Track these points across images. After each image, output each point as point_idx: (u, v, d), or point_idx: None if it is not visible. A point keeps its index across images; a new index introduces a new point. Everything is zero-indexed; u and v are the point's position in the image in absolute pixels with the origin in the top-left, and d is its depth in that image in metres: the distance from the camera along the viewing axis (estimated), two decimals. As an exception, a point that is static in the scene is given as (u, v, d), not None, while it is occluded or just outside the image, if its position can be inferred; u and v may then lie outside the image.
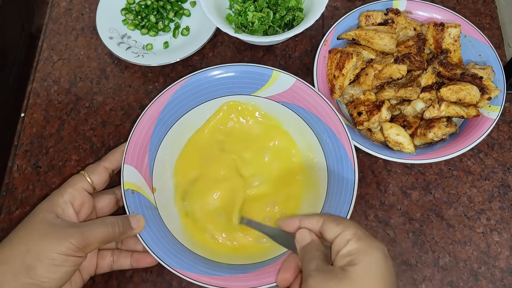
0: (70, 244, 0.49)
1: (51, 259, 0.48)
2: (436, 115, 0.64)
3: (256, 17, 0.73)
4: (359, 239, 0.47)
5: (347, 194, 0.58)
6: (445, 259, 0.63)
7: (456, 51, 0.68)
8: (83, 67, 0.77)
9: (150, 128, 0.63)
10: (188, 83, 0.65)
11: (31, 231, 0.50)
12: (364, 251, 0.45)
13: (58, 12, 0.82)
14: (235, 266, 0.57)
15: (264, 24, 0.73)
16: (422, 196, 0.67)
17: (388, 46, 0.67)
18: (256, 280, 0.54)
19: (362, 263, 0.44)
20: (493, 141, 0.70)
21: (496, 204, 0.66)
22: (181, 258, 0.56)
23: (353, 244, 0.46)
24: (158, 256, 0.55)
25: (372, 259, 0.45)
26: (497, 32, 0.78)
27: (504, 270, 0.62)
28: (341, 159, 0.60)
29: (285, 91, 0.65)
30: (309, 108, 0.63)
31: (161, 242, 0.56)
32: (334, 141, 0.61)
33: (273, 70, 0.65)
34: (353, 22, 0.73)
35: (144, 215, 0.57)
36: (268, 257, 0.58)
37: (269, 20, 0.73)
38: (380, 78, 0.65)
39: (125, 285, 0.62)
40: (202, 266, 0.56)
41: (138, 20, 0.79)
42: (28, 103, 0.74)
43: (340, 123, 0.61)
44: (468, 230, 0.65)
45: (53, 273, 0.48)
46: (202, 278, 0.54)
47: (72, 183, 0.56)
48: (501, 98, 0.65)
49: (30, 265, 0.47)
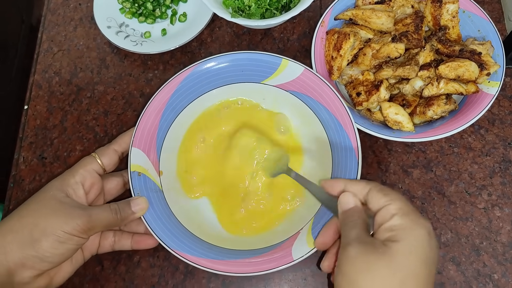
0: (77, 225, 0.51)
1: (57, 236, 0.50)
2: (435, 93, 0.64)
3: (253, 0, 0.72)
4: (404, 214, 0.45)
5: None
6: (447, 235, 0.64)
7: (454, 27, 0.68)
8: (83, 57, 0.78)
9: (158, 113, 0.64)
10: (197, 70, 0.66)
11: (41, 207, 0.52)
12: (410, 228, 0.44)
13: (56, 3, 0.83)
14: (237, 251, 0.58)
15: (261, 7, 0.73)
16: (423, 174, 0.67)
17: (385, 25, 0.67)
18: (255, 266, 0.55)
19: (406, 241, 0.43)
20: (493, 116, 0.70)
21: (498, 179, 0.66)
22: (182, 241, 0.57)
23: (398, 219, 0.45)
24: (160, 237, 0.57)
25: (416, 237, 0.43)
26: (497, 6, 0.77)
27: (506, 244, 0.63)
28: (345, 149, 0.60)
29: (293, 80, 0.65)
30: (316, 98, 0.63)
31: (164, 224, 0.58)
32: (340, 131, 0.61)
33: (282, 58, 0.64)
34: (350, 2, 0.72)
35: (148, 197, 0.59)
36: (271, 243, 0.59)
37: (266, 3, 0.72)
38: (378, 57, 0.65)
39: (133, 270, 0.63)
40: (203, 249, 0.57)
41: (135, 8, 0.79)
42: (31, 95, 0.75)
43: (347, 114, 0.61)
44: (469, 206, 0.65)
45: (56, 249, 0.50)
46: (202, 261, 0.56)
47: (84, 165, 0.58)
48: (500, 73, 0.65)
49: (36, 239, 0.49)
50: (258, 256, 0.56)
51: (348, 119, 0.61)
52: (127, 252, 0.64)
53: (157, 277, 0.63)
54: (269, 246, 0.58)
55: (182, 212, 0.61)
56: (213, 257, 0.56)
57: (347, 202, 0.50)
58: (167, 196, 0.62)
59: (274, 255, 0.56)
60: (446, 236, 0.64)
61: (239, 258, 0.56)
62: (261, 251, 0.57)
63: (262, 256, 0.56)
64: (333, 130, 0.62)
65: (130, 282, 0.63)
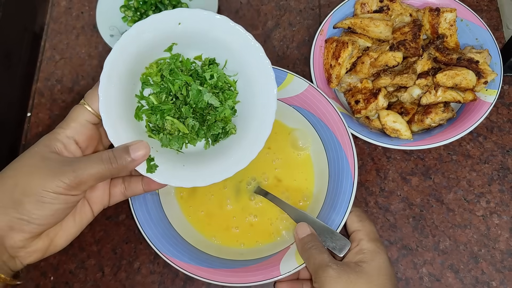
0: (61, 182, 0.45)
1: (39, 196, 0.44)
2: (433, 101, 0.64)
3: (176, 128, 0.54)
4: (371, 239, 0.55)
5: (343, 204, 0.58)
6: (445, 242, 0.64)
7: (452, 35, 0.68)
8: (84, 65, 0.79)
9: None
10: None
11: (22, 165, 0.47)
12: (376, 252, 0.53)
13: (59, 12, 0.84)
14: (224, 260, 0.59)
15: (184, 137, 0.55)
16: (422, 181, 0.68)
17: (383, 33, 0.67)
18: (237, 277, 0.56)
19: (375, 262, 0.52)
20: (492, 124, 0.70)
21: (496, 187, 0.67)
22: (175, 247, 0.58)
23: (365, 244, 0.54)
24: (153, 242, 0.58)
25: (381, 259, 0.53)
26: (495, 14, 0.78)
27: (504, 252, 0.63)
28: (342, 169, 0.60)
29: (297, 95, 0.65)
30: (318, 115, 0.63)
31: (157, 229, 0.59)
32: (338, 150, 0.61)
33: (288, 73, 0.64)
34: (348, 11, 0.73)
35: (144, 200, 0.60)
36: (258, 256, 0.59)
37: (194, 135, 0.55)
38: (376, 66, 0.65)
39: (133, 276, 0.64)
40: (191, 255, 0.58)
41: (137, 16, 0.80)
42: (34, 103, 0.76)
43: (347, 134, 0.61)
44: (468, 214, 0.66)
45: (41, 210, 0.45)
46: (188, 267, 0.56)
47: (75, 117, 0.49)
48: (498, 81, 0.65)
49: (17, 200, 0.45)
50: (244, 268, 0.57)
51: (348, 140, 0.61)
52: (128, 259, 0.65)
53: (157, 283, 0.63)
54: (258, 258, 0.59)
55: (175, 218, 0.62)
56: (201, 264, 0.57)
57: (304, 231, 0.56)
58: (162, 199, 0.62)
59: (261, 268, 0.56)
60: (444, 244, 0.64)
61: (227, 268, 0.57)
62: (250, 262, 0.58)
63: (246, 269, 0.57)
64: (332, 149, 0.62)
65: (130, 289, 0.63)
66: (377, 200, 0.67)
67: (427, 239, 0.64)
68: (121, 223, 0.67)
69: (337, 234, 0.55)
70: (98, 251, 0.66)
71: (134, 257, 0.65)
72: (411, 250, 0.64)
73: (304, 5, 0.81)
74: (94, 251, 0.66)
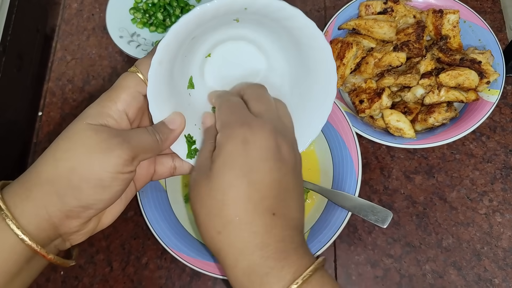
0: (119, 158, 0.41)
1: (99, 180, 0.41)
2: (436, 101, 0.65)
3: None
4: (222, 127, 0.44)
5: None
6: (448, 240, 0.65)
7: (455, 36, 0.69)
8: (95, 65, 0.81)
9: None
10: None
11: (74, 145, 0.41)
12: (221, 144, 0.42)
13: (70, 13, 0.86)
14: None
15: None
16: (425, 180, 0.69)
17: (387, 34, 0.69)
18: None
19: (220, 158, 0.42)
20: (495, 124, 0.71)
21: (499, 185, 0.68)
22: (182, 242, 0.59)
23: (219, 136, 0.43)
24: (161, 237, 0.59)
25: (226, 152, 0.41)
26: (498, 15, 0.79)
27: (507, 249, 0.64)
28: (346, 167, 0.61)
29: None
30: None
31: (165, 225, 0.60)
32: (343, 149, 0.62)
33: None
34: (353, 12, 0.74)
35: (152, 197, 0.61)
36: None
37: None
38: (380, 66, 0.67)
39: (141, 271, 0.65)
40: (198, 250, 0.59)
41: (146, 18, 0.82)
42: (45, 102, 0.78)
43: (351, 133, 0.62)
44: (470, 212, 0.66)
45: (101, 194, 0.42)
46: (195, 262, 0.57)
47: (126, 87, 0.44)
48: (500, 82, 0.66)
49: (76, 186, 0.40)
50: None
51: (352, 139, 0.61)
52: (136, 254, 0.66)
53: (164, 278, 0.65)
54: None
55: (182, 214, 0.64)
56: (208, 259, 0.58)
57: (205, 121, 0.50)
58: (170, 196, 0.63)
59: None
60: (447, 241, 0.65)
61: None
62: None
63: None
64: (337, 147, 0.63)
65: (138, 283, 0.65)
66: (381, 198, 0.68)
67: (430, 237, 0.65)
68: (129, 219, 0.69)
69: (377, 207, 0.57)
70: (107, 247, 0.67)
71: (142, 252, 0.66)
72: (415, 247, 0.65)
73: (310, 7, 0.83)
74: (103, 246, 0.67)
